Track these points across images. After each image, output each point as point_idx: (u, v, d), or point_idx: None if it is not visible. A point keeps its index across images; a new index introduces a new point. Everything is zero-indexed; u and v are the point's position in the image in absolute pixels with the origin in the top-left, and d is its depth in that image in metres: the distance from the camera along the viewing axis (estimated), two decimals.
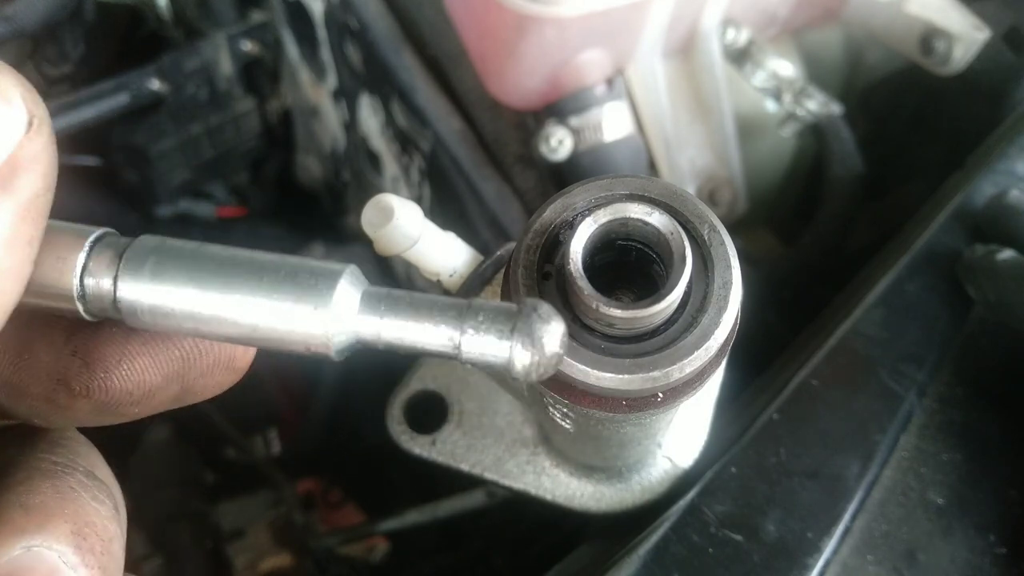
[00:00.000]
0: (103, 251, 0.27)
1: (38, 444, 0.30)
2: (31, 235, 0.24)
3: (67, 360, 0.29)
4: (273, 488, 1.05)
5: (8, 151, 0.23)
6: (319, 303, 0.26)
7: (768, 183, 0.98)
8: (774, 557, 0.48)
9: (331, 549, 0.98)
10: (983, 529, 0.51)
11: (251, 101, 1.29)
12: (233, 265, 0.27)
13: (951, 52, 0.85)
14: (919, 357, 0.58)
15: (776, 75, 0.88)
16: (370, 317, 0.27)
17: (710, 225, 0.34)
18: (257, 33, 1.24)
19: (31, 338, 0.29)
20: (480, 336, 0.26)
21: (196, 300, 0.27)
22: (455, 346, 0.26)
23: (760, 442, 0.53)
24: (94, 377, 0.29)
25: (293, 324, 0.26)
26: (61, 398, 0.29)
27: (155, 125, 1.17)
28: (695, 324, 0.33)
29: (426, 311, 0.26)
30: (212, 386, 0.32)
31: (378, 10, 1.00)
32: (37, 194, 0.24)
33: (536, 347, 0.25)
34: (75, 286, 0.27)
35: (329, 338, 0.26)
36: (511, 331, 0.25)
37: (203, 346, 0.30)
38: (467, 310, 0.26)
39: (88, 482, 0.29)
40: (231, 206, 1.37)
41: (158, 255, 0.27)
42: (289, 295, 0.26)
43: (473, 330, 0.26)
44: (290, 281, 0.26)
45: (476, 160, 0.93)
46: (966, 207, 0.68)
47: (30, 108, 0.24)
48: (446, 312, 0.26)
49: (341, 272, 0.27)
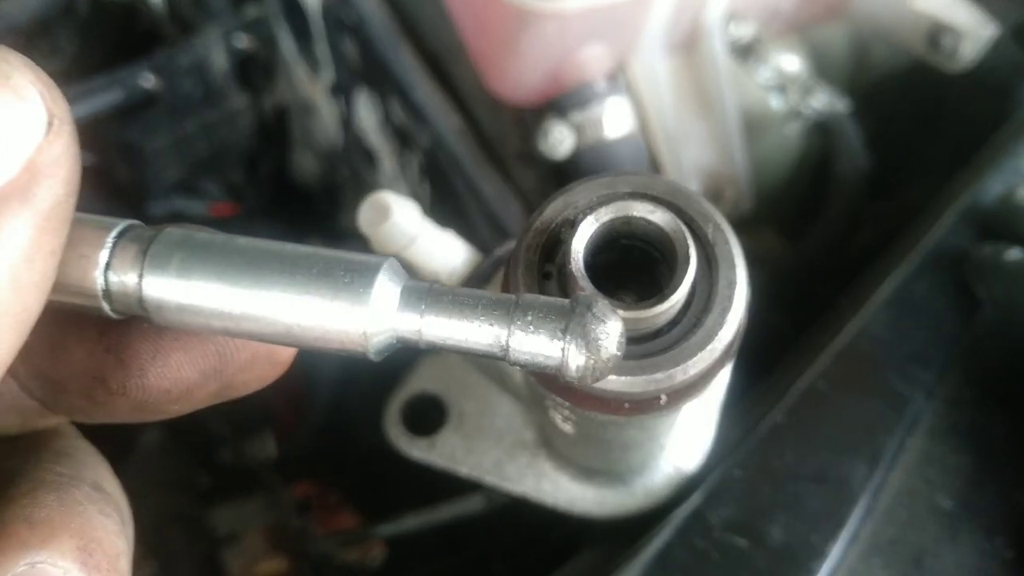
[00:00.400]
0: (127, 246, 0.26)
1: (43, 454, 0.29)
2: (53, 245, 0.23)
3: (102, 357, 0.28)
4: (269, 491, 1.05)
5: (26, 156, 0.22)
6: (356, 300, 0.24)
7: (773, 181, 0.97)
8: (779, 562, 0.47)
9: (328, 553, 0.97)
10: (991, 533, 0.50)
11: (246, 97, 1.28)
12: (264, 259, 0.25)
13: (958, 48, 0.84)
14: (926, 358, 0.57)
15: (781, 71, 0.87)
16: (410, 314, 0.25)
17: (714, 223, 0.33)
18: (252, 28, 1.23)
19: (65, 333, 0.28)
20: (530, 336, 0.23)
21: (225, 298, 0.25)
22: (502, 347, 0.24)
23: (765, 445, 0.53)
24: (130, 375, 0.28)
25: (328, 323, 0.24)
26: (99, 395, 0.28)
27: (149, 122, 1.16)
28: (699, 325, 0.32)
29: (471, 308, 0.24)
30: (254, 380, 0.30)
31: (375, 5, 0.99)
32: (58, 201, 0.23)
33: (592, 348, 0.23)
34: (99, 285, 0.25)
35: (367, 337, 0.24)
36: (564, 330, 0.23)
37: (239, 340, 0.29)
38: (515, 307, 0.24)
39: (95, 494, 0.28)
40: (225, 203, 1.36)
41: (185, 250, 0.25)
42: (324, 292, 0.24)
43: (522, 329, 0.24)
44: (324, 276, 0.25)
45: (475, 157, 0.92)
46: (974, 205, 0.67)
47: (49, 107, 0.22)
48: (493, 309, 0.24)
49: (379, 265, 0.25)
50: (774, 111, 0.93)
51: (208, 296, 0.25)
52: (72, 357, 0.28)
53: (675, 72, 0.88)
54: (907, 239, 0.70)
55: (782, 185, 0.99)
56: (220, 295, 0.25)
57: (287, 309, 0.25)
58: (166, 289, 0.25)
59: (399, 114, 1.01)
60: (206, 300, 0.25)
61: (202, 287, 0.25)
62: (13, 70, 0.22)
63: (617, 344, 0.24)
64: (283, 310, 0.25)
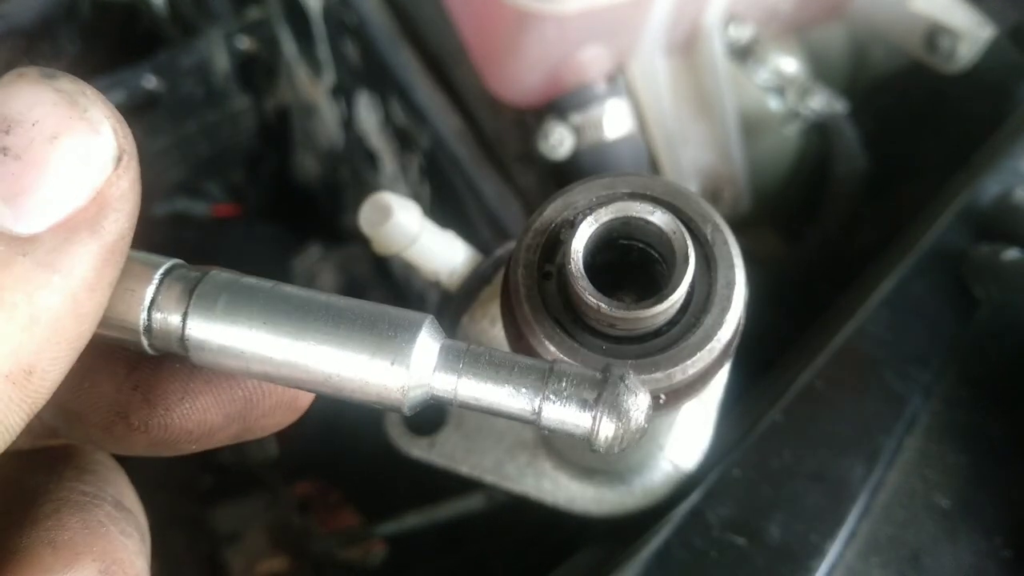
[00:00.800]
0: (173, 285, 0.26)
1: (66, 471, 0.29)
2: (112, 277, 0.23)
3: (128, 394, 0.28)
4: (269, 491, 1.05)
5: (96, 186, 0.22)
6: (397, 358, 0.25)
7: (771, 181, 0.98)
8: (778, 561, 0.47)
9: (329, 552, 0.97)
10: (989, 532, 0.50)
11: (247, 99, 1.28)
12: (308, 309, 0.26)
13: (956, 49, 0.84)
14: (924, 358, 0.58)
15: (779, 72, 0.87)
16: (447, 375, 0.26)
17: (713, 224, 0.33)
18: (254, 30, 1.23)
19: (93, 367, 0.28)
20: (563, 405, 0.25)
21: (268, 344, 0.25)
22: (534, 411, 0.25)
23: (764, 444, 0.53)
24: (154, 414, 0.28)
25: (368, 377, 0.25)
26: (119, 430, 0.28)
27: (151, 123, 1.16)
28: (698, 325, 0.32)
29: (506, 372, 0.25)
30: (271, 426, 0.31)
31: (376, 6, 0.99)
32: (123, 235, 0.23)
33: (622, 420, 0.24)
34: (142, 320, 0.26)
35: (404, 393, 0.25)
36: (596, 401, 0.24)
37: (267, 387, 0.29)
38: (549, 375, 0.25)
39: (116, 514, 0.28)
40: (227, 205, 1.36)
41: (231, 293, 0.26)
42: (366, 346, 0.25)
43: (555, 396, 0.25)
44: (368, 330, 0.25)
45: (476, 158, 0.92)
46: (971, 206, 0.67)
47: (120, 142, 0.23)
48: (527, 375, 0.25)
49: (421, 324, 0.26)
50: (773, 112, 0.94)
51: (252, 341, 0.26)
52: (98, 390, 0.28)
53: (674, 73, 0.89)
54: (905, 239, 0.70)
55: (780, 185, 0.99)
56: (264, 341, 0.26)
57: (330, 360, 0.25)
58: (210, 331, 0.26)
59: (400, 115, 1.01)
60: (249, 344, 0.26)
61: (246, 331, 0.26)
62: (90, 104, 0.23)
63: (646, 416, 0.25)
64: (326, 361, 0.25)
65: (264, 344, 0.26)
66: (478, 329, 0.49)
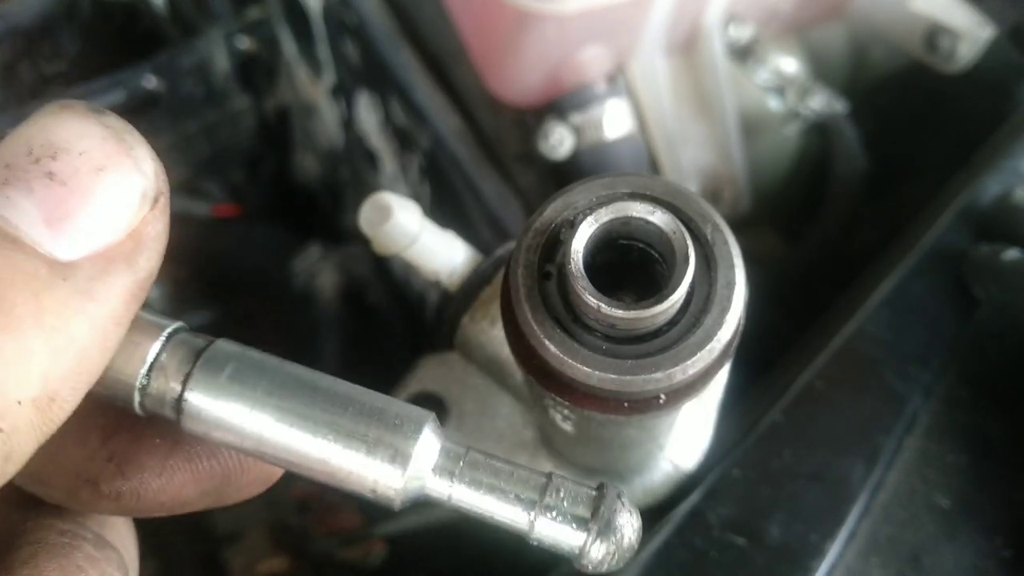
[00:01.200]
0: (178, 348, 0.25)
1: (43, 507, 0.28)
2: (133, 314, 0.23)
3: (101, 464, 0.27)
4: (269, 491, 1.05)
5: (134, 222, 0.23)
6: (397, 457, 0.25)
7: (771, 181, 0.98)
8: (778, 561, 0.47)
9: (328, 552, 0.97)
10: (989, 532, 0.50)
11: (248, 99, 1.28)
12: (315, 393, 0.25)
13: (956, 50, 0.84)
14: (924, 358, 0.58)
15: (779, 72, 0.87)
16: (443, 480, 0.26)
17: (713, 224, 0.33)
18: (254, 30, 1.23)
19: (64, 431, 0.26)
20: (556, 522, 0.25)
21: (268, 424, 0.25)
22: (529, 523, 0.25)
23: (764, 444, 0.53)
24: (127, 484, 0.27)
25: (365, 472, 0.25)
26: (85, 495, 0.27)
27: (151, 123, 1.16)
28: (698, 325, 0.32)
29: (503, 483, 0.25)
30: (243, 497, 0.31)
31: (376, 7, 0.99)
32: (151, 274, 0.23)
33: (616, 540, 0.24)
34: (140, 377, 0.25)
35: (399, 492, 0.25)
36: (590, 519, 0.25)
37: (246, 463, 0.29)
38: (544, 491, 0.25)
39: (97, 554, 0.27)
40: (227, 204, 1.36)
41: (237, 364, 0.25)
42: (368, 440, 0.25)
43: (549, 513, 0.25)
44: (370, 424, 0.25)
45: (476, 158, 0.92)
46: (971, 206, 0.67)
47: (160, 185, 0.23)
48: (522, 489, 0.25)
49: (424, 423, 0.26)
50: (772, 112, 0.94)
51: (251, 418, 0.25)
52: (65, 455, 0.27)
53: (674, 73, 0.89)
54: (905, 239, 0.70)
55: (780, 185, 1.00)
56: (264, 421, 0.25)
57: (329, 449, 0.25)
58: (210, 400, 0.25)
59: (400, 115, 1.01)
60: (248, 421, 0.25)
61: (247, 407, 0.25)
62: (136, 144, 0.23)
63: (637, 536, 0.25)
64: (324, 451, 0.25)
65: (264, 424, 0.25)
66: (478, 329, 0.49)
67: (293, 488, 1.07)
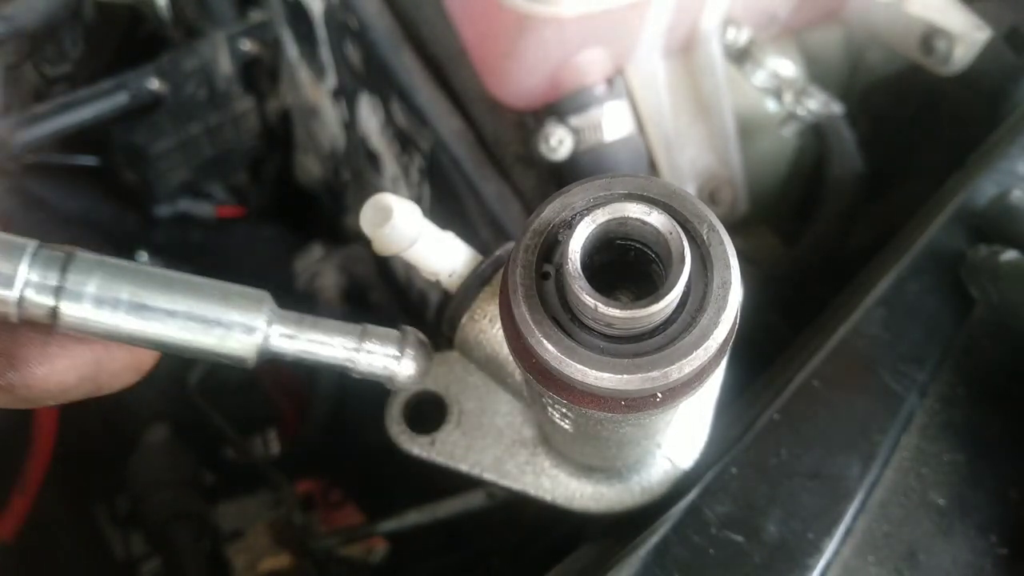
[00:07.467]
0: (45, 264, 0.30)
1: None
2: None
3: None
4: (272, 489, 1.05)
5: None
6: (245, 328, 0.33)
7: (769, 183, 0.98)
8: (775, 558, 0.48)
9: (330, 550, 0.98)
10: (984, 530, 0.51)
11: (250, 101, 1.29)
12: (170, 285, 0.32)
13: (952, 52, 0.85)
14: (920, 357, 0.58)
15: (777, 75, 0.88)
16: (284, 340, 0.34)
17: (709, 224, 0.33)
18: (256, 32, 1.24)
19: None
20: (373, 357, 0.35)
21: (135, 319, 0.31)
22: (354, 360, 0.35)
23: (761, 443, 0.53)
24: (17, 375, 0.31)
25: (223, 343, 0.32)
26: None
27: (154, 125, 1.16)
28: (694, 324, 0.32)
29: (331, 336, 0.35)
30: (119, 385, 0.35)
31: (378, 9, 1.00)
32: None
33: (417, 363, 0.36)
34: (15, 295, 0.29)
35: (249, 353, 0.33)
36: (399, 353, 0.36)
37: (114, 351, 0.34)
38: (363, 335, 0.35)
39: None
40: (230, 206, 1.37)
41: (102, 271, 0.31)
42: (221, 319, 0.32)
43: (368, 352, 0.35)
44: (222, 303, 0.32)
45: (476, 160, 0.92)
46: (967, 207, 0.68)
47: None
48: (347, 337, 0.35)
49: (263, 299, 0.33)
50: (770, 114, 0.94)
51: (116, 318, 0.31)
52: None
53: (673, 76, 0.89)
54: (901, 240, 0.70)
55: (777, 187, 1.00)
56: (130, 316, 0.31)
57: (190, 330, 0.32)
58: (82, 308, 0.30)
59: (401, 117, 1.02)
60: (115, 320, 0.31)
61: (111, 311, 0.31)
62: None
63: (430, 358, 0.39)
64: (186, 330, 0.32)
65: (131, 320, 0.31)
66: (477, 328, 0.49)
67: (296, 486, 1.08)
